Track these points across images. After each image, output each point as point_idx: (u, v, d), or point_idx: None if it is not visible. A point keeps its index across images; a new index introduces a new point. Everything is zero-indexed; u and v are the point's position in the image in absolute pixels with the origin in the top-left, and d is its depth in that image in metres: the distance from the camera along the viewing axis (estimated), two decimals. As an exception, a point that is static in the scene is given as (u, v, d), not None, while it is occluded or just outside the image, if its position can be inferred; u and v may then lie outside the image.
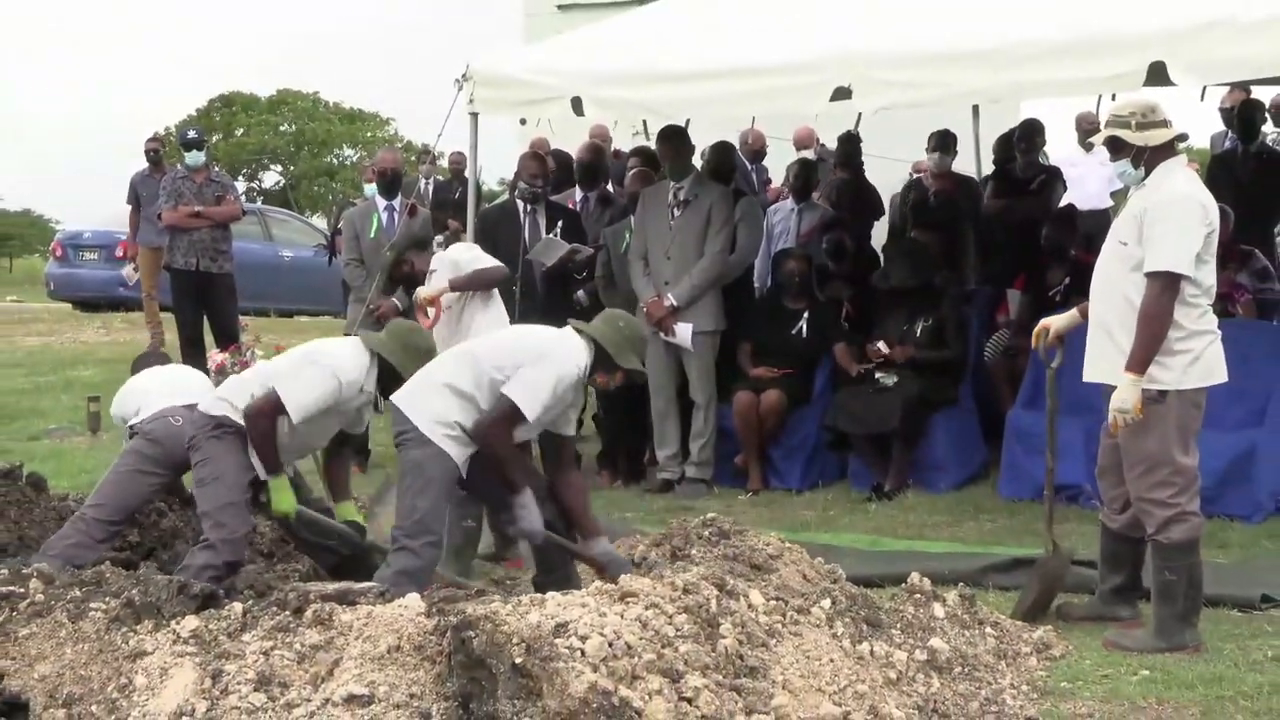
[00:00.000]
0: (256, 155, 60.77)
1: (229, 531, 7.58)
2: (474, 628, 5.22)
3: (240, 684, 5.48)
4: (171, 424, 8.25)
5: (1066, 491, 9.98)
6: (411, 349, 7.87)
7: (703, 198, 11.42)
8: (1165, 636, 6.99)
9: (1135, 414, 6.87)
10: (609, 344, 7.48)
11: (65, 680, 5.85)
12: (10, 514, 8.61)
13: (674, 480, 11.41)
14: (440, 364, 7.60)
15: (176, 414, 8.30)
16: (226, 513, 7.62)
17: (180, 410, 8.32)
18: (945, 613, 6.85)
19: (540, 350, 7.41)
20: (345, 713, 5.17)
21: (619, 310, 8.41)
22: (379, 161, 13.87)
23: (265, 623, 5.89)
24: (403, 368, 7.76)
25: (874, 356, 11.29)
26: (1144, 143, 7.05)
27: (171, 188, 15.04)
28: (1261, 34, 8.64)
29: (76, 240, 26.68)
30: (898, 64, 9.65)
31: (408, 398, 7.43)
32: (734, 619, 5.72)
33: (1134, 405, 6.86)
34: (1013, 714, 6.09)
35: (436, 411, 7.31)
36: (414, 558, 7.23)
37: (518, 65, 11.40)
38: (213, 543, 7.55)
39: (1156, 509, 7.01)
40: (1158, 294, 6.85)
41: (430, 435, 7.29)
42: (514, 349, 7.49)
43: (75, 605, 6.26)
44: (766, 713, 5.36)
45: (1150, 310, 6.86)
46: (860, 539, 9.54)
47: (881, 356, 11.23)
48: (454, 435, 7.31)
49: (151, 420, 8.32)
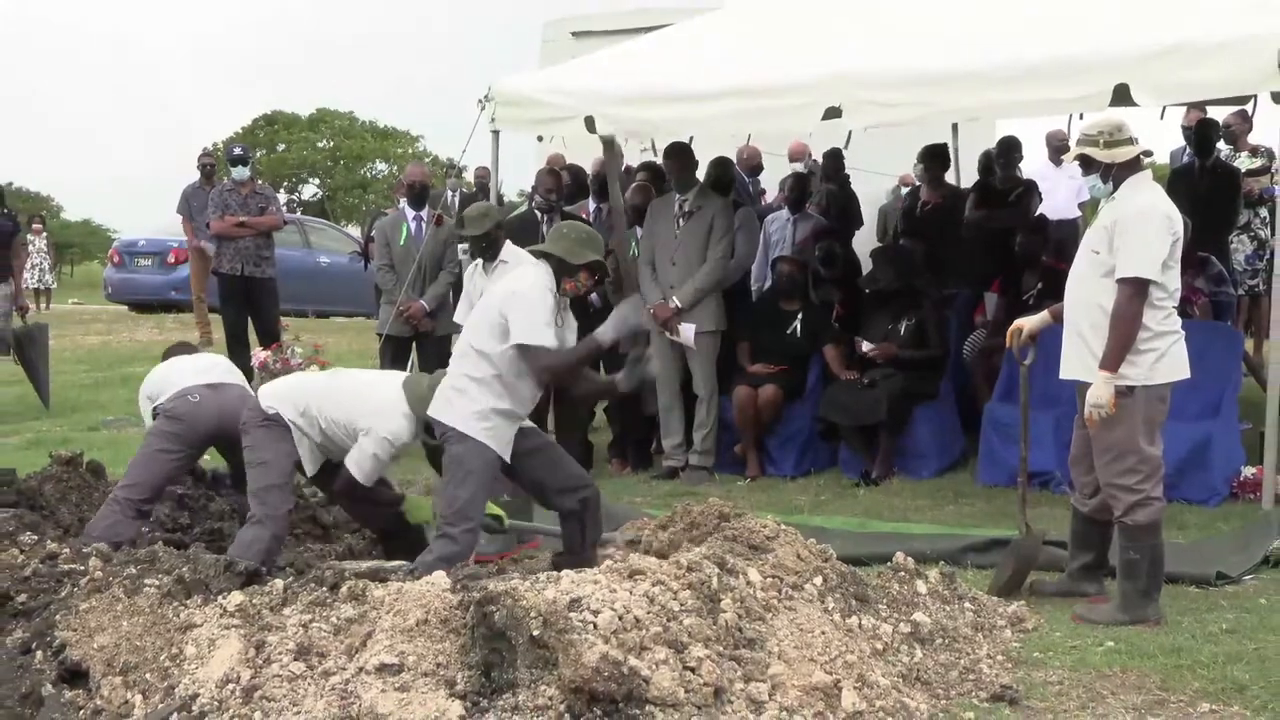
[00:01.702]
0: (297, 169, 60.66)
1: (272, 509, 7.63)
2: (495, 603, 5.22)
3: (281, 654, 5.48)
4: (190, 401, 8.24)
5: (1039, 478, 9.97)
6: None
7: (705, 209, 11.42)
8: (1129, 610, 7.00)
9: (1109, 408, 6.88)
10: (560, 251, 7.46)
11: (122, 650, 5.86)
12: (72, 498, 8.63)
13: (679, 468, 11.40)
14: (450, 369, 7.63)
15: (195, 392, 8.28)
16: (270, 493, 7.66)
17: (199, 388, 8.30)
18: (927, 589, 6.84)
19: (509, 293, 7.43)
20: (377, 680, 5.17)
21: (568, 222, 8.39)
22: (408, 175, 13.85)
23: (304, 598, 5.90)
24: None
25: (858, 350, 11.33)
26: (1111, 159, 7.04)
27: (219, 199, 15.09)
28: (1215, 59, 8.67)
29: (132, 247, 26.69)
30: (884, 86, 9.66)
31: (438, 408, 7.42)
32: (734, 595, 5.72)
33: (1108, 400, 6.87)
34: (989, 682, 6.08)
35: (466, 407, 7.31)
36: (453, 544, 7.23)
37: (535, 87, 11.41)
38: (259, 519, 7.61)
39: (1123, 494, 7.02)
40: (1128, 298, 6.86)
41: (467, 431, 7.28)
42: (486, 315, 7.48)
43: (131, 581, 6.26)
44: (764, 681, 5.35)
45: (1122, 313, 6.87)
46: (849, 521, 9.52)
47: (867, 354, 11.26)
48: (489, 424, 7.31)
49: (172, 399, 8.28)
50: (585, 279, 7.58)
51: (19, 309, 14.87)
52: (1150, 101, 9.11)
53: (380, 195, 52.12)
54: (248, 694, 5.33)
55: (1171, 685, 6.09)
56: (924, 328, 11.39)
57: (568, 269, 7.46)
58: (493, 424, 7.31)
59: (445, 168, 22.46)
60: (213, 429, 8.22)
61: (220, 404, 8.23)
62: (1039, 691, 6.03)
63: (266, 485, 7.68)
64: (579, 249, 7.49)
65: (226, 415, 8.12)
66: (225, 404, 8.21)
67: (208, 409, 8.19)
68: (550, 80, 11.63)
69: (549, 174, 12.34)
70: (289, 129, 60.86)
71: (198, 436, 8.25)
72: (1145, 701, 5.90)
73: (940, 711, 5.74)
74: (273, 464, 7.71)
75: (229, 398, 8.29)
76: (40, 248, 31.08)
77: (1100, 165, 7.10)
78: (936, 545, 8.41)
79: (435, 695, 5.10)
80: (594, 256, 7.56)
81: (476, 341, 7.45)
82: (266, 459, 7.71)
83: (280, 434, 7.73)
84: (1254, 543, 8.34)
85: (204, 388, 8.31)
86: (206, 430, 8.22)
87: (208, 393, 8.27)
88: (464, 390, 7.35)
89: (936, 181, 13.22)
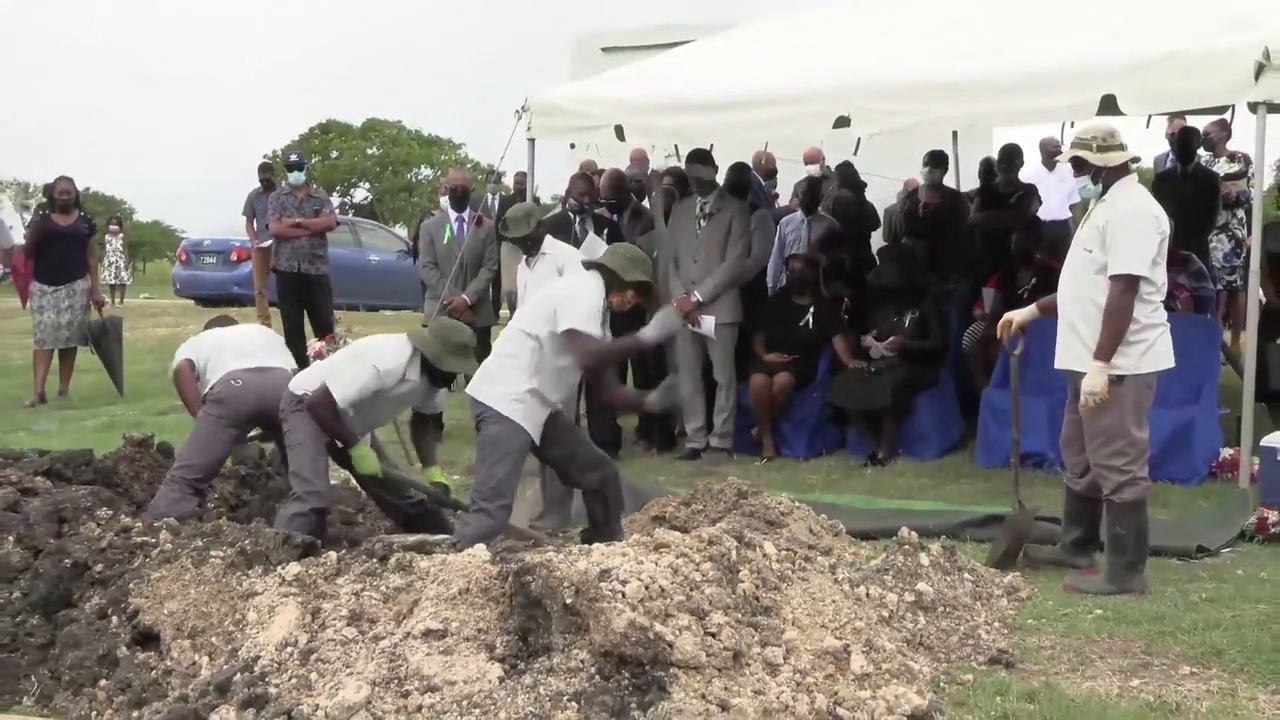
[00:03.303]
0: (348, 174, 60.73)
1: (310, 485, 7.59)
2: (531, 573, 5.23)
3: (335, 620, 5.49)
4: (233, 385, 8.23)
5: (1033, 459, 9.96)
6: (448, 343, 7.81)
7: (724, 211, 11.43)
8: (1117, 581, 6.99)
9: (1103, 395, 6.87)
10: (615, 267, 7.49)
11: (190, 616, 5.88)
12: (144, 476, 8.65)
13: (700, 449, 11.40)
14: (495, 348, 7.62)
15: (238, 376, 8.27)
16: (308, 469, 7.62)
17: (242, 372, 8.29)
18: (930, 561, 6.83)
19: (567, 292, 7.48)
20: (423, 644, 5.17)
21: (624, 243, 8.45)
22: (451, 179, 13.88)
23: (356, 568, 5.92)
24: (437, 359, 7.75)
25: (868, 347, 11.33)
26: (1103, 163, 7.02)
27: (277, 203, 15.14)
28: (1196, 71, 8.66)
29: (198, 247, 26.74)
30: (889, 96, 9.66)
31: (478, 384, 7.44)
32: (751, 566, 5.71)
33: (1102, 388, 6.86)
34: (987, 646, 6.08)
35: (505, 389, 7.30)
36: (489, 519, 7.23)
37: (568, 98, 11.41)
38: (299, 495, 7.59)
39: (1112, 474, 7.01)
40: (1120, 293, 6.85)
41: (506, 412, 7.28)
42: (541, 305, 7.54)
43: (198, 553, 6.28)
44: (779, 645, 5.35)
45: (1114, 307, 6.85)
46: (858, 499, 9.52)
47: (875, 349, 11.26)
48: (524, 405, 7.31)
49: (218, 384, 8.26)
50: (631, 296, 7.62)
51: (96, 303, 14.92)
52: (1136, 110, 9.09)
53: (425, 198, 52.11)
54: (304, 656, 5.34)
55: (1155, 650, 6.08)
56: (926, 321, 11.38)
57: (618, 284, 7.50)
58: (527, 405, 7.31)
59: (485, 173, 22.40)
60: (253, 409, 8.21)
61: (261, 386, 8.20)
62: (1033, 655, 6.03)
63: (303, 464, 7.66)
64: (631, 268, 7.53)
65: (266, 397, 8.09)
66: (266, 386, 8.18)
67: (249, 391, 8.18)
68: (582, 92, 11.64)
69: (580, 178, 12.47)
70: (342, 137, 60.94)
71: (240, 417, 8.24)
72: (1131, 665, 5.89)
73: (941, 674, 5.74)
74: (308, 444, 7.68)
75: (270, 380, 8.25)
76: (117, 247, 31.19)
77: (1092, 167, 7.08)
78: (938, 521, 8.40)
79: (476, 658, 5.11)
80: (643, 277, 7.62)
81: (526, 325, 7.49)
82: (300, 439, 7.70)
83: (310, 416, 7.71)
84: (1232, 519, 8.32)
85: (247, 371, 8.30)
86: (248, 411, 8.22)
87: (250, 376, 8.26)
88: (503, 370, 7.36)
89: (936, 184, 13.19)
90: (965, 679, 5.66)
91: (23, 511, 7.15)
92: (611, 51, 16.22)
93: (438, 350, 7.76)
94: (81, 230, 14.83)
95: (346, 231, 25.65)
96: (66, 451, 8.75)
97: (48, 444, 10.18)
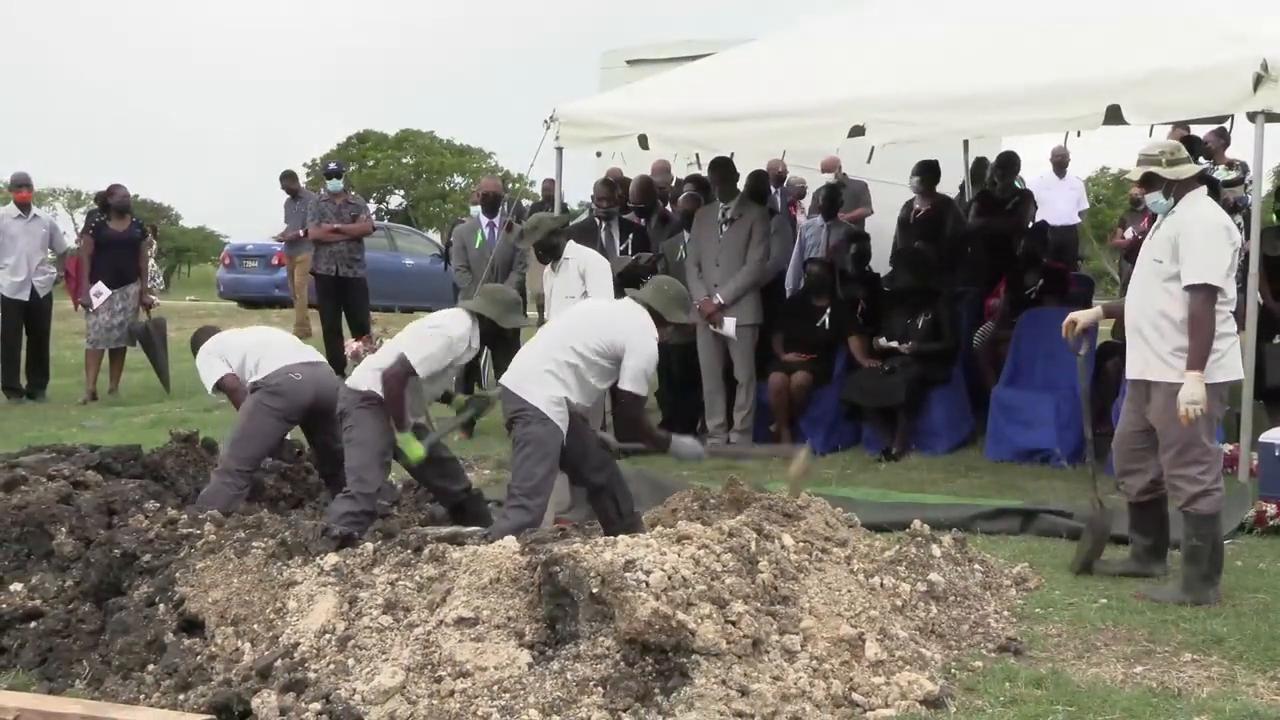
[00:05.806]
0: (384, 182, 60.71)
1: (366, 485, 7.41)
2: (559, 564, 5.23)
3: (371, 608, 5.51)
4: (293, 378, 8.11)
5: (1039, 454, 9.95)
6: (504, 303, 7.85)
7: (745, 216, 11.46)
8: (1192, 591, 6.68)
9: (1203, 405, 6.55)
10: (659, 306, 7.47)
11: (232, 604, 5.90)
12: (190, 471, 8.64)
13: (721, 445, 11.39)
14: (535, 349, 7.48)
15: (297, 370, 8.16)
16: (367, 469, 7.44)
17: (300, 366, 8.19)
18: (941, 552, 6.81)
19: (628, 340, 7.33)
20: (455, 631, 5.19)
21: (665, 276, 8.45)
22: (482, 187, 13.88)
23: (391, 559, 5.92)
24: (500, 318, 7.76)
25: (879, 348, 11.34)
26: (1174, 176, 6.79)
27: (316, 209, 15.22)
28: (1196, 83, 8.65)
29: (241, 251, 26.79)
30: (902, 108, 9.64)
31: (520, 381, 7.30)
32: (770, 557, 5.71)
33: (1201, 398, 6.53)
34: (996, 634, 6.07)
35: (548, 392, 7.23)
36: (527, 514, 7.13)
37: (594, 109, 11.42)
38: (354, 494, 7.40)
39: (1187, 484, 6.73)
40: (1201, 303, 6.58)
41: (549, 414, 7.23)
42: (600, 330, 7.39)
43: (240, 544, 6.30)
44: (796, 633, 5.35)
45: (1198, 317, 6.57)
46: (872, 493, 9.48)
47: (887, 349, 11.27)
48: (561, 410, 7.25)
49: (274, 375, 8.14)
50: (669, 333, 7.66)
51: (144, 305, 14.99)
52: (1139, 120, 9.09)
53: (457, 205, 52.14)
54: (342, 643, 5.36)
55: (1158, 638, 6.07)
56: (938, 322, 11.34)
57: (660, 321, 7.47)
58: (563, 410, 7.27)
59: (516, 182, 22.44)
60: (309, 404, 8.11)
61: (317, 381, 8.16)
62: (1040, 643, 6.02)
63: (363, 462, 7.48)
64: (674, 308, 7.51)
65: (322, 393, 8.05)
66: (321, 381, 8.16)
67: (307, 386, 8.10)
68: (608, 103, 11.66)
69: (604, 185, 12.56)
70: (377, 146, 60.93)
71: (296, 410, 8.14)
72: (1134, 652, 5.88)
73: (952, 661, 5.73)
74: (369, 442, 7.49)
75: (324, 375, 8.26)
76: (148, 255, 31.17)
77: (1164, 182, 6.83)
78: (950, 514, 8.37)
79: (506, 645, 5.12)
80: (684, 319, 7.67)
81: (574, 340, 7.36)
82: (364, 438, 7.49)
83: (376, 412, 7.51)
84: (1232, 512, 8.26)
85: (304, 365, 8.22)
86: (304, 405, 8.12)
87: (308, 370, 8.19)
88: (550, 374, 7.26)
89: (928, 191, 13.10)
90: (975, 666, 5.66)
91: (75, 504, 7.18)
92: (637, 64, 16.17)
93: (498, 311, 7.77)
94: (134, 235, 14.94)
95: (383, 236, 25.64)
96: (116, 447, 8.77)
97: (98, 439, 10.24)
